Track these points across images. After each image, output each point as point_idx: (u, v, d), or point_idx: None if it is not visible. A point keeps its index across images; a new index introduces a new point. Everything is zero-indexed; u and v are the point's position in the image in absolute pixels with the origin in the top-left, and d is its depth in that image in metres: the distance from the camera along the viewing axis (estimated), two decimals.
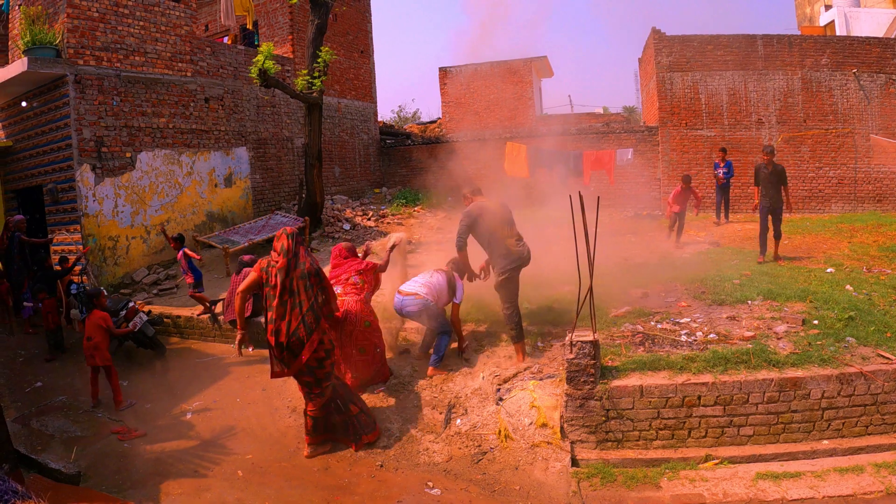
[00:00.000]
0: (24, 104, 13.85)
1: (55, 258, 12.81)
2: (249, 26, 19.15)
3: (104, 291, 9.79)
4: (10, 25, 13.96)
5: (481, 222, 8.00)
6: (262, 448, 7.30)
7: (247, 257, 10.47)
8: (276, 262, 6.86)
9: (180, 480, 6.64)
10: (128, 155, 13.94)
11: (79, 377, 9.77)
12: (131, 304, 10.29)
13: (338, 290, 8.03)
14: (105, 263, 13.35)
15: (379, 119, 26.18)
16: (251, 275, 6.95)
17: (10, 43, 13.93)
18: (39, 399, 9.06)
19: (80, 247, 12.67)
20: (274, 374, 6.98)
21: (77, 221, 13.11)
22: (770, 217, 11.69)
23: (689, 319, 8.30)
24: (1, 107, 14.98)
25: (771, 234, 11.68)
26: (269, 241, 15.12)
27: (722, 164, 16.73)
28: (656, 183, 19.82)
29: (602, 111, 26.43)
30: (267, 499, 6.19)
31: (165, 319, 11.52)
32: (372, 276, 8.42)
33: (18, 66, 12.45)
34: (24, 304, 12.16)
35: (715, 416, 6.48)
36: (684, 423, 6.52)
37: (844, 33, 25.71)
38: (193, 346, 10.94)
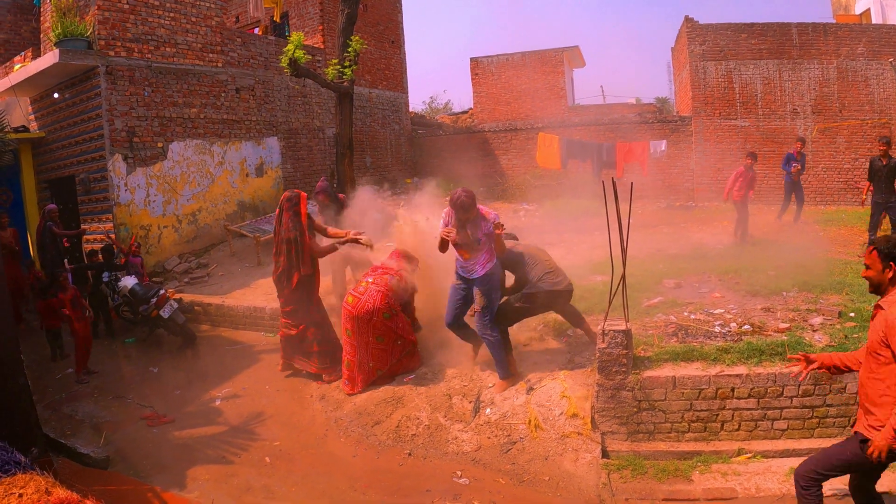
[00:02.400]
0: (56, 95, 14.01)
1: (90, 247, 12.98)
2: (277, 19, 19.20)
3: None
4: (41, 18, 14.10)
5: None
6: (290, 435, 7.32)
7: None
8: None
9: (208, 466, 6.67)
10: (159, 145, 14.04)
11: (109, 363, 9.86)
12: (162, 292, 10.34)
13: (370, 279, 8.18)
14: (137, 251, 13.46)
15: (410, 109, 26.16)
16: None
17: (41, 35, 14.08)
18: (69, 385, 9.15)
19: (111, 235, 12.74)
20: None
21: (109, 211, 13.24)
22: (884, 214, 11.44)
23: (722, 310, 8.14)
24: (34, 98, 15.19)
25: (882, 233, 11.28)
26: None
27: (798, 157, 15.47)
28: (689, 174, 19.53)
29: (634, 101, 26.12)
30: (293, 485, 6.19)
31: (196, 307, 11.57)
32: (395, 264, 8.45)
33: (50, 58, 12.58)
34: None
35: (748, 409, 6.32)
36: (717, 415, 6.37)
37: (880, 22, 25.16)
38: (224, 333, 10.98)
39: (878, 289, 4.30)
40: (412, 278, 8.44)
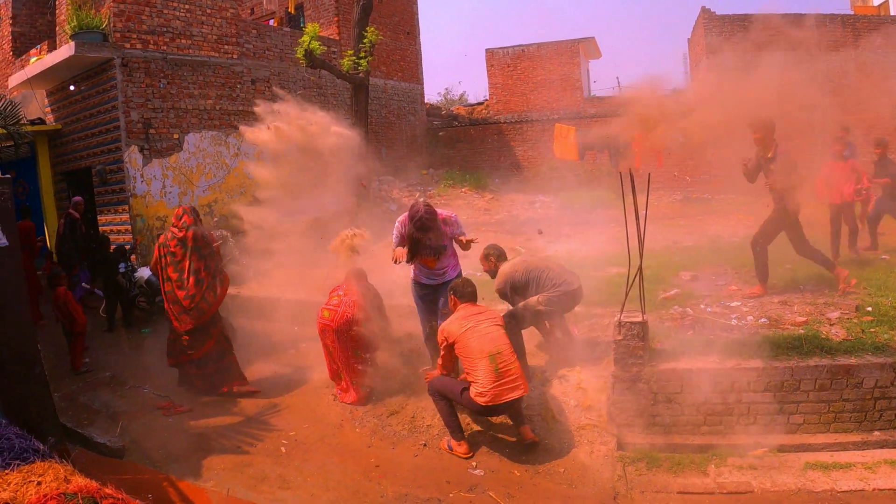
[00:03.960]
0: (72, 88, 14.09)
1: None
2: (292, 10, 19.19)
3: None
4: (57, 11, 14.15)
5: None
6: (305, 425, 7.32)
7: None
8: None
9: (223, 456, 6.69)
10: (175, 136, 14.09)
11: (125, 353, 9.92)
12: None
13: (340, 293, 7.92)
14: (153, 243, 13.47)
15: (426, 100, 26.13)
16: None
17: (57, 28, 14.13)
18: (86, 375, 9.20)
19: (128, 227, 12.82)
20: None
21: (125, 202, 13.30)
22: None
23: (739, 303, 8.10)
24: (49, 91, 15.27)
25: None
26: (316, 220, 15.19)
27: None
28: (706, 166, 19.38)
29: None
30: (309, 475, 6.20)
31: None
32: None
33: (66, 50, 12.67)
34: (82, 284, 12.38)
35: (764, 403, 6.27)
36: (733, 409, 6.33)
37: None
38: (240, 323, 11.00)
39: None
40: (374, 291, 8.10)
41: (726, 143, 18.23)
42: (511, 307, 7.40)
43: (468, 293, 6.67)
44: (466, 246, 7.10)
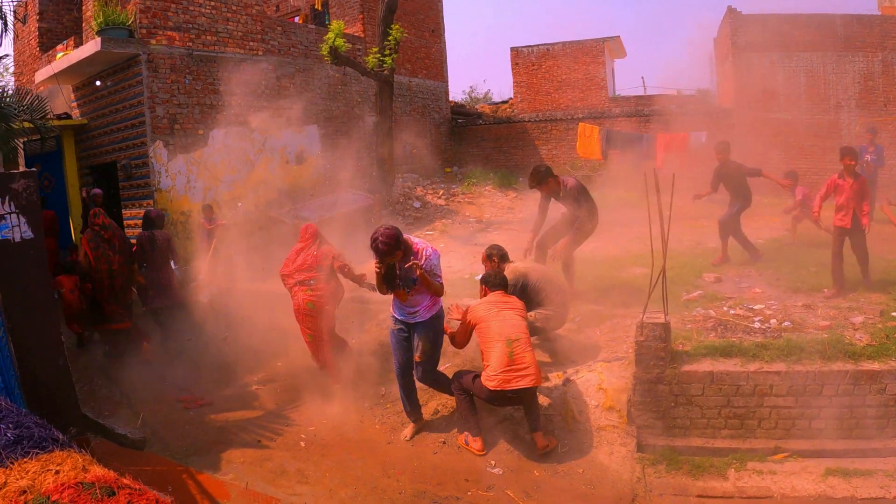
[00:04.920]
0: (98, 83, 14.22)
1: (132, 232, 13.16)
2: (318, 7, 19.24)
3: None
4: (83, 7, 14.28)
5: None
6: (325, 420, 7.37)
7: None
8: None
9: (243, 449, 6.75)
10: (200, 132, 14.16)
11: (150, 346, 9.99)
12: (200, 278, 10.46)
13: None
14: (177, 237, 13.58)
15: (451, 98, 26.12)
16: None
17: (83, 24, 14.27)
18: (109, 366, 9.28)
19: None
20: None
21: (150, 196, 13.39)
22: None
23: (762, 306, 8.03)
24: (76, 86, 15.40)
25: None
26: (339, 217, 15.24)
27: (871, 148, 13.98)
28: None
29: (676, 93, 25.82)
30: (327, 470, 6.24)
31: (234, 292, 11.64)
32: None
33: (92, 46, 12.76)
34: None
35: (786, 407, 6.24)
36: (755, 412, 6.30)
37: None
38: (261, 318, 11.04)
39: None
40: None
41: (753, 146, 18.16)
42: None
43: (498, 283, 6.84)
44: (431, 287, 6.43)
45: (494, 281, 6.85)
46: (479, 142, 24.18)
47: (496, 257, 7.53)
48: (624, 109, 22.27)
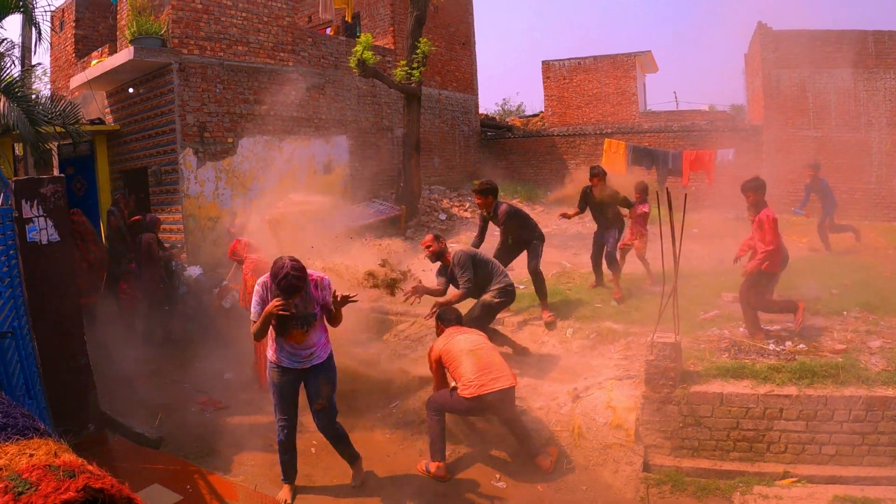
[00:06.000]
0: (130, 90, 14.51)
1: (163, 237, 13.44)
2: (348, 19, 19.43)
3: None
4: (118, 16, 14.59)
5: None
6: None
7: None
8: None
9: (254, 453, 6.86)
10: (229, 140, 14.38)
11: (171, 348, 10.17)
12: (224, 283, 10.62)
13: None
14: (204, 242, 13.79)
15: (482, 111, 26.19)
16: None
17: (118, 33, 14.56)
18: (131, 367, 9.47)
19: (181, 226, 13.16)
20: None
21: (179, 202, 13.62)
22: None
23: (779, 328, 7.94)
24: (109, 92, 15.72)
25: None
26: (365, 227, 15.39)
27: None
28: None
29: (708, 109, 25.75)
30: (335, 478, 6.32)
31: None
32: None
33: (125, 54, 13.05)
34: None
35: (796, 432, 6.16)
36: (764, 435, 6.23)
37: None
38: None
39: None
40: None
41: (782, 164, 18.03)
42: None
43: (453, 318, 7.06)
44: (341, 304, 5.73)
45: (449, 317, 7.10)
46: (508, 155, 24.20)
47: (442, 240, 8.08)
48: (654, 125, 22.20)
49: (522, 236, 9.24)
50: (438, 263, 8.21)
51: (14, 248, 6.35)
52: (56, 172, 15.22)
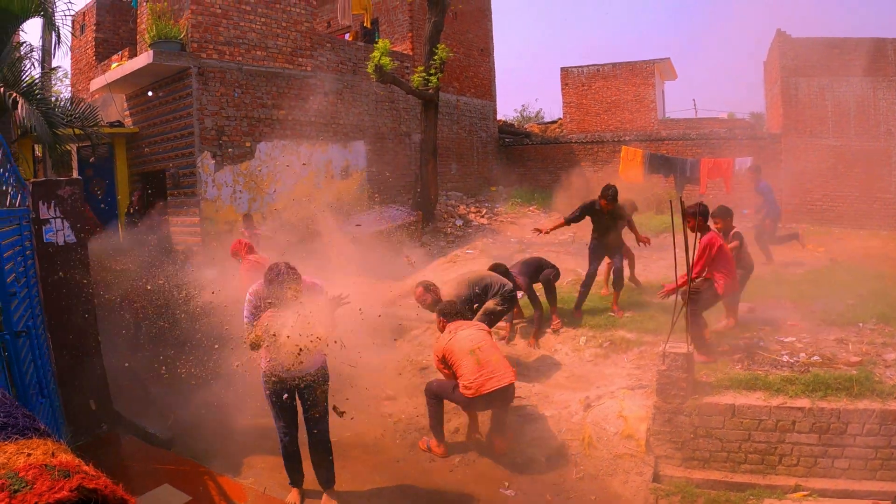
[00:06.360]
0: (149, 94, 14.67)
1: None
2: (367, 24, 19.52)
3: None
4: (138, 20, 14.79)
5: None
6: (347, 433, 7.36)
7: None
8: None
9: (264, 456, 6.85)
10: (247, 144, 14.49)
11: (186, 350, 10.22)
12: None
13: None
14: (220, 245, 13.87)
15: (500, 117, 26.20)
16: None
17: (138, 37, 14.75)
18: (145, 368, 9.53)
19: (198, 229, 13.27)
20: None
21: (196, 205, 13.73)
22: None
23: (793, 339, 7.88)
24: (129, 95, 15.92)
25: None
26: (381, 233, 15.44)
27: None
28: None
29: (727, 116, 25.65)
30: (343, 482, 6.29)
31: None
32: None
33: (145, 58, 13.21)
34: None
35: (809, 445, 6.09)
36: (776, 448, 6.17)
37: None
38: None
39: None
40: None
41: (801, 173, 17.93)
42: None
43: (455, 312, 7.23)
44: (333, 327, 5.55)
45: (450, 311, 7.26)
46: (526, 161, 24.18)
47: (434, 291, 8.01)
48: (672, 132, 22.11)
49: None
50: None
51: (31, 249, 6.41)
52: (75, 174, 15.40)
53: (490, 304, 8.09)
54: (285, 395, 5.75)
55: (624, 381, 7.55)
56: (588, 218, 9.93)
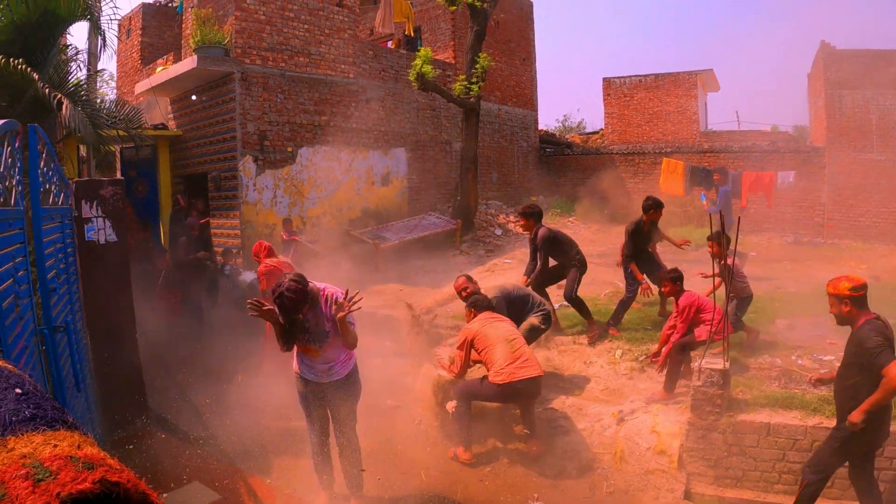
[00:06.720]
0: (193, 98, 14.92)
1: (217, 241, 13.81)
2: (409, 33, 19.61)
3: None
4: (183, 25, 15.07)
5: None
6: (377, 436, 7.37)
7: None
8: None
9: (297, 458, 6.87)
10: (289, 149, 14.63)
11: (220, 350, 10.32)
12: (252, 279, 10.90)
13: None
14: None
15: (542, 127, 26.16)
16: None
17: (182, 41, 15.02)
18: (182, 366, 9.65)
19: (238, 231, 13.45)
20: None
21: (237, 208, 13.91)
22: None
23: (832, 358, 7.69)
24: (173, 99, 16.19)
25: None
26: (420, 240, 15.49)
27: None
28: (820, 208, 18.57)
29: (770, 129, 25.34)
30: (372, 487, 6.30)
31: None
32: None
33: (189, 63, 13.44)
34: None
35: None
36: None
37: None
38: None
39: None
40: None
41: (844, 188, 17.66)
42: None
43: (486, 304, 7.28)
44: (349, 337, 5.45)
45: (482, 303, 7.29)
46: (567, 172, 24.11)
47: (475, 282, 8.07)
48: (714, 144, 21.90)
49: (560, 262, 9.27)
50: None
51: (72, 247, 6.54)
52: (118, 175, 15.66)
53: (534, 320, 7.96)
54: (314, 399, 5.79)
55: (660, 395, 7.47)
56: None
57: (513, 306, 7.95)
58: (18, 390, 1.31)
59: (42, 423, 1.23)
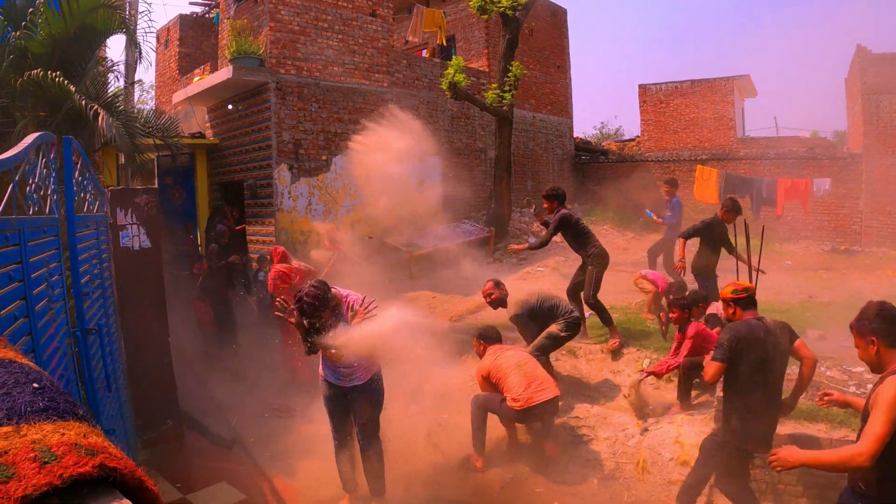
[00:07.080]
0: (230, 107, 15.15)
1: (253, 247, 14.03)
2: (441, 42, 19.69)
3: None
4: (219, 36, 15.38)
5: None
6: (402, 440, 7.48)
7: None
8: None
9: (321, 461, 6.93)
10: (324, 158, 14.79)
11: (253, 354, 10.48)
12: None
13: None
14: (295, 255, 14.15)
15: (580, 134, 26.09)
16: None
17: (219, 52, 15.31)
18: (212, 368, 9.84)
19: (273, 238, 13.68)
20: None
21: (272, 216, 14.09)
22: None
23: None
24: (210, 108, 16.46)
25: None
26: (453, 248, 15.55)
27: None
28: (858, 216, 18.26)
29: (810, 135, 25.02)
30: (397, 491, 6.36)
31: None
32: None
33: (225, 72, 13.67)
34: None
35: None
36: (835, 483, 5.75)
37: None
38: None
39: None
40: None
41: (882, 195, 17.39)
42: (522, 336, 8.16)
43: (494, 337, 7.47)
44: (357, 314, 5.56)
45: (489, 336, 7.55)
46: (602, 179, 23.96)
47: (503, 286, 8.29)
48: (751, 151, 21.67)
49: (578, 249, 9.35)
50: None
51: (107, 252, 6.74)
52: (155, 183, 15.96)
53: (554, 328, 7.91)
54: (336, 402, 6.01)
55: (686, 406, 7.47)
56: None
57: (538, 318, 8.01)
58: (35, 384, 1.41)
59: (54, 414, 1.33)
